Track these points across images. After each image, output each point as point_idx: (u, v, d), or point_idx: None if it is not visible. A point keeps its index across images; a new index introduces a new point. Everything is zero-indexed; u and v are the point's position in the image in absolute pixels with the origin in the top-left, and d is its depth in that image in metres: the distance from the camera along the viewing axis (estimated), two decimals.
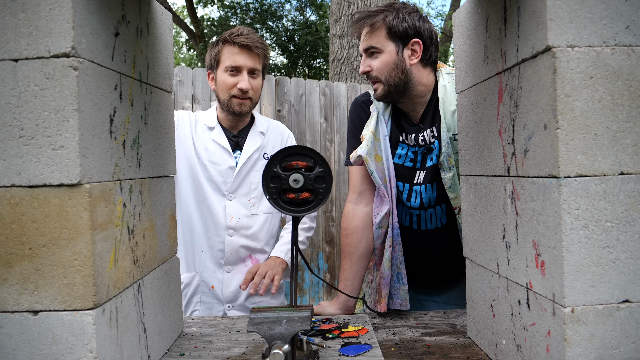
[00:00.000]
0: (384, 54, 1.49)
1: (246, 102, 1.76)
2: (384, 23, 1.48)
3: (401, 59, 1.49)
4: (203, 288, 1.78)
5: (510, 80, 0.95)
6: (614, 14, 0.80)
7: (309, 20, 12.09)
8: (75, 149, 0.79)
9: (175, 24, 11.80)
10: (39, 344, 0.81)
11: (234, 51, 1.73)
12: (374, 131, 1.56)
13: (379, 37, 1.49)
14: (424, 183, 1.55)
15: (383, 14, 1.49)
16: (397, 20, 1.48)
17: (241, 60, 1.72)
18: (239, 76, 1.73)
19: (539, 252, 0.86)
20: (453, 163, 1.47)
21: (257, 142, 1.83)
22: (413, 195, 1.57)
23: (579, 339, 0.80)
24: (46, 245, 0.80)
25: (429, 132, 1.54)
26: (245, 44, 1.71)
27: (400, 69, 1.49)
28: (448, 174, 1.48)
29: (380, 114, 1.59)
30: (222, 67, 1.75)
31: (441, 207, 1.56)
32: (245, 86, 1.72)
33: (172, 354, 1.18)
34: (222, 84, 1.75)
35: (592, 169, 0.80)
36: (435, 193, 1.54)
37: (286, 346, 0.95)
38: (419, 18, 1.51)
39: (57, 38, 0.79)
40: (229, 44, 1.74)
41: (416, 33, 1.49)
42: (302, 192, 1.06)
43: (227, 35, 1.75)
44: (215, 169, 1.76)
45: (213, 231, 1.76)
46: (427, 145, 1.54)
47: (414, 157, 1.57)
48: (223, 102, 1.76)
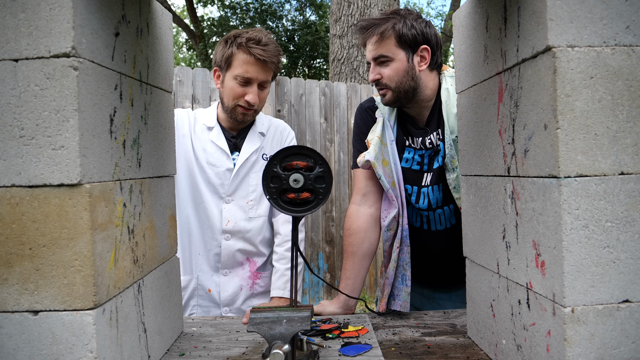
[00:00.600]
0: (395, 62, 1.50)
1: (250, 112, 1.70)
2: (394, 31, 1.48)
3: (412, 66, 1.51)
4: (200, 291, 1.75)
5: (510, 80, 0.95)
6: (614, 14, 0.80)
7: (308, 20, 12.08)
8: (76, 149, 0.79)
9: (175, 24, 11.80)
10: (39, 344, 0.81)
11: (248, 60, 1.62)
12: (380, 136, 1.57)
13: (389, 46, 1.49)
14: (431, 185, 1.57)
15: (391, 21, 1.49)
16: (406, 28, 1.48)
17: (254, 73, 1.63)
18: (249, 88, 1.65)
19: (539, 252, 0.86)
20: (457, 164, 1.49)
21: (256, 143, 1.78)
22: (421, 198, 1.58)
23: (579, 339, 0.80)
24: (46, 245, 0.80)
25: (435, 135, 1.56)
26: (262, 59, 1.61)
27: (410, 76, 1.51)
28: (452, 175, 1.49)
29: (386, 119, 1.61)
30: (232, 72, 1.65)
31: (449, 208, 1.57)
32: (254, 101, 1.65)
33: (172, 354, 1.18)
34: (229, 90, 1.67)
35: (592, 169, 0.80)
36: (441, 194, 1.56)
37: (286, 346, 0.95)
38: (425, 24, 1.52)
39: (57, 38, 0.79)
40: (244, 51, 1.62)
41: (424, 39, 1.50)
42: (302, 192, 1.06)
43: (244, 41, 1.62)
44: (212, 171, 1.72)
45: (209, 235, 1.73)
46: (435, 148, 1.56)
47: (420, 160, 1.59)
48: (227, 107, 1.70)
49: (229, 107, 1.69)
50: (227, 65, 1.66)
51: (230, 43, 1.65)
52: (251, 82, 1.64)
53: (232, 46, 1.64)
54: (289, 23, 12.22)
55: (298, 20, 12.21)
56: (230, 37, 1.67)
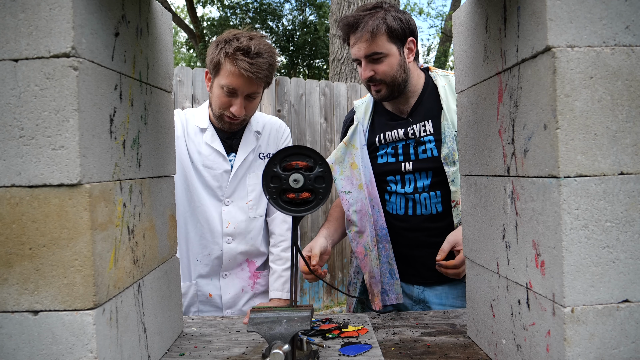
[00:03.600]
0: (389, 57, 1.53)
1: (236, 122, 1.65)
2: (385, 26, 1.49)
3: (403, 59, 1.55)
4: (200, 297, 1.73)
5: (510, 80, 0.95)
6: (613, 14, 0.80)
7: (308, 20, 12.08)
8: (75, 149, 0.79)
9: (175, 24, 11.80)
10: (39, 344, 0.81)
11: (234, 72, 1.54)
12: (347, 142, 1.67)
13: (381, 42, 1.50)
14: (414, 172, 1.60)
15: (379, 16, 1.50)
16: (395, 22, 1.51)
17: (239, 85, 1.56)
18: (234, 99, 1.59)
19: (539, 252, 0.87)
20: (457, 158, 1.52)
21: (252, 143, 1.74)
22: (407, 182, 1.63)
23: (579, 339, 0.80)
24: (46, 245, 0.80)
25: (419, 126, 1.59)
26: (246, 75, 1.52)
27: (403, 68, 1.55)
28: (452, 168, 1.53)
29: (360, 123, 1.68)
30: (219, 81, 1.59)
31: (435, 194, 1.59)
32: (238, 113, 1.60)
33: (172, 354, 1.19)
34: (216, 97, 1.62)
35: (592, 169, 0.80)
36: (429, 181, 1.59)
37: (286, 346, 0.95)
38: (404, 13, 1.55)
39: (57, 38, 0.79)
40: (231, 62, 1.54)
41: (410, 31, 1.54)
42: (302, 192, 1.06)
43: (232, 50, 1.53)
44: (209, 174, 1.69)
45: (209, 239, 1.70)
46: (417, 139, 1.59)
47: (394, 151, 1.63)
48: (214, 113, 1.66)
49: (216, 114, 1.66)
50: (215, 71, 1.60)
51: (220, 49, 1.57)
52: (236, 93, 1.59)
53: (221, 53, 1.56)
54: (288, 23, 12.22)
55: (298, 20, 12.20)
56: (221, 41, 1.59)
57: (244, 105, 1.62)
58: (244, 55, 1.53)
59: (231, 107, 1.60)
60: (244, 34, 1.60)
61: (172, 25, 1.32)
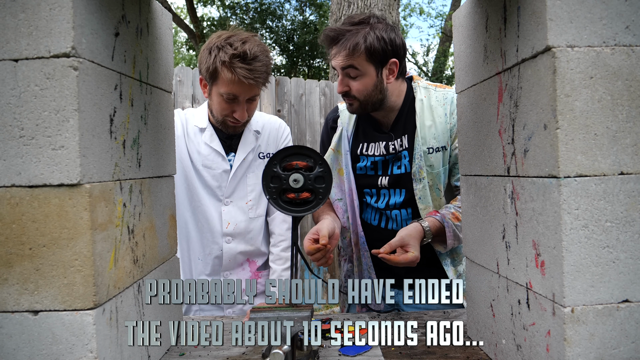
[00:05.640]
0: (365, 76, 1.48)
1: (240, 124, 1.66)
2: (365, 45, 1.44)
3: (380, 80, 1.50)
4: None
5: (510, 80, 0.95)
6: (613, 14, 0.80)
7: (308, 20, 12.08)
8: (75, 149, 0.79)
9: (175, 24, 11.80)
10: (39, 344, 0.81)
11: (233, 79, 1.52)
12: (334, 148, 1.67)
13: (359, 60, 1.46)
14: (389, 187, 1.61)
15: (361, 34, 1.45)
16: (377, 41, 1.45)
17: (240, 92, 1.56)
18: (236, 105, 1.59)
19: (539, 252, 0.87)
20: (424, 175, 1.54)
21: (251, 142, 1.74)
22: (381, 197, 1.63)
23: (579, 339, 0.80)
24: (46, 245, 0.80)
25: (398, 142, 1.59)
26: (246, 82, 1.51)
27: (379, 89, 1.51)
28: (419, 185, 1.55)
29: (344, 129, 1.67)
30: (217, 89, 1.57)
31: (407, 211, 1.61)
32: (241, 117, 1.60)
33: (172, 354, 1.18)
34: (216, 104, 1.61)
35: (592, 169, 0.80)
36: (402, 198, 1.59)
37: (286, 346, 0.95)
38: (393, 32, 1.49)
39: (57, 38, 0.79)
40: (229, 70, 1.51)
41: (393, 52, 1.49)
42: (302, 192, 1.06)
43: (228, 59, 1.50)
44: (209, 174, 1.69)
45: (209, 238, 1.71)
46: (396, 154, 1.59)
47: (373, 167, 1.63)
48: (216, 118, 1.66)
49: (218, 119, 1.66)
50: (213, 80, 1.58)
51: (214, 56, 1.53)
52: (237, 99, 1.58)
53: (216, 61, 1.52)
54: (288, 23, 12.21)
55: (298, 20, 12.20)
56: (214, 48, 1.54)
57: (246, 108, 1.62)
58: (241, 62, 1.51)
59: (234, 113, 1.60)
60: (235, 37, 1.56)
61: (172, 25, 1.32)
